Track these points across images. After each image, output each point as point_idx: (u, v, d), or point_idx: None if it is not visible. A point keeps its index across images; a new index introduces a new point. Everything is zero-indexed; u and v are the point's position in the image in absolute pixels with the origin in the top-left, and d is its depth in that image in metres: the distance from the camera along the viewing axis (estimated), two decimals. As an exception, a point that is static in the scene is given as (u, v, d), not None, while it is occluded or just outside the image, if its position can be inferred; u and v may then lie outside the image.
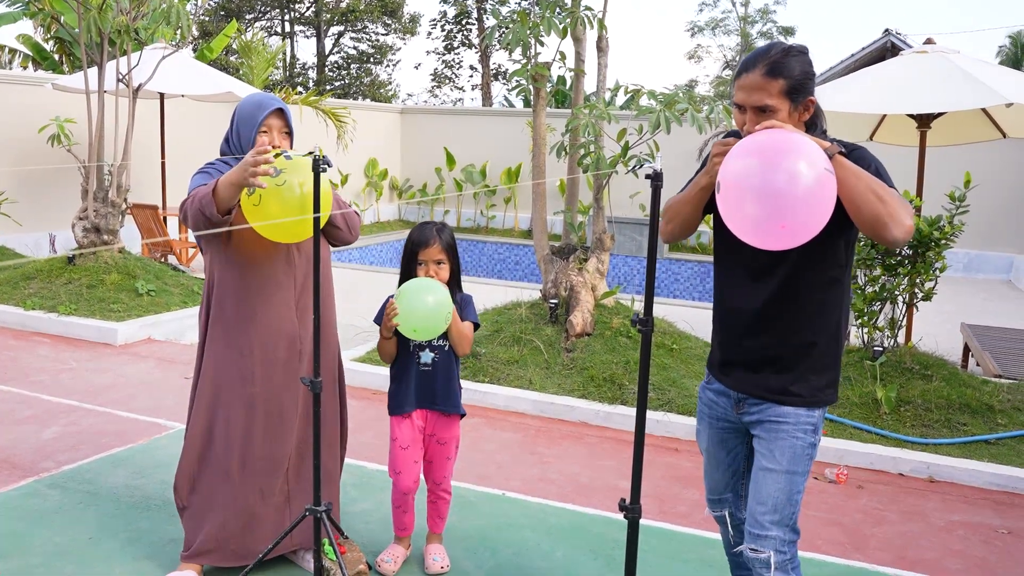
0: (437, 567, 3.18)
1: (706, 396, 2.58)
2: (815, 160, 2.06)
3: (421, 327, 2.91)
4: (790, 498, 2.32)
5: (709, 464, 2.65)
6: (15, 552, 3.21)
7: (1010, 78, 6.11)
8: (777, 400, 2.36)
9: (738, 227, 2.16)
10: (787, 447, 2.33)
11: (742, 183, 2.10)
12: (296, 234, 2.83)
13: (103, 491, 3.80)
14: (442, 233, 3.07)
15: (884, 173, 2.24)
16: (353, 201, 15.35)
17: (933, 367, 5.30)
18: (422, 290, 2.93)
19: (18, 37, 14.08)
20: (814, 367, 2.34)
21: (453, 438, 3.18)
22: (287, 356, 2.99)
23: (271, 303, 2.96)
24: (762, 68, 2.23)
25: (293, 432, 3.03)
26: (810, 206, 2.06)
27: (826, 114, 2.45)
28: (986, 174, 12.23)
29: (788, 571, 2.31)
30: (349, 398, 5.43)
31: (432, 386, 3.10)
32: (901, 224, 2.09)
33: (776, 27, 34.10)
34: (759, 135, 2.14)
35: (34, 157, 10.12)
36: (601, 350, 5.66)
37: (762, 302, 2.34)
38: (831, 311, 2.34)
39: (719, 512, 2.69)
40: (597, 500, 4.02)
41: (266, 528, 3.03)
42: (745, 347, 2.40)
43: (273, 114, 2.98)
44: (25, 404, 5.06)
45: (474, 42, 30.16)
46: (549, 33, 5.63)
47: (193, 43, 22.89)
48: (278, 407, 2.99)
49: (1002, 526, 3.97)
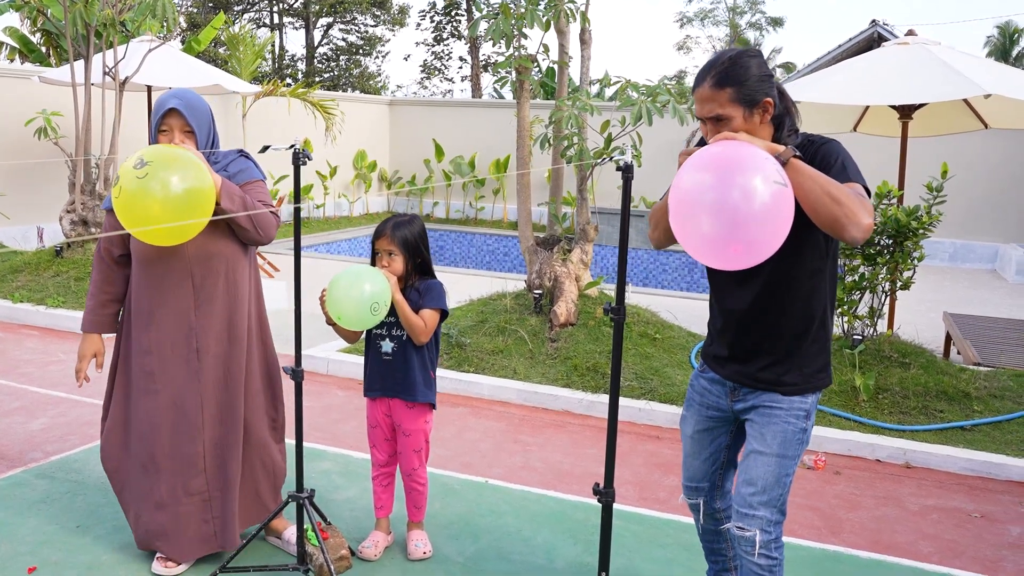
0: (419, 552, 3.24)
1: (699, 384, 2.62)
2: (766, 175, 2.03)
3: (345, 315, 2.88)
4: (779, 480, 2.37)
5: (691, 452, 2.68)
6: (3, 540, 3.26)
7: (990, 69, 6.18)
8: (771, 390, 2.41)
9: (688, 244, 2.14)
10: (779, 431, 2.38)
11: (693, 199, 2.09)
12: (166, 236, 2.74)
13: (90, 481, 3.85)
14: (397, 228, 3.06)
15: (850, 167, 2.26)
16: (342, 194, 15.36)
17: (911, 355, 5.38)
18: (353, 279, 2.88)
19: (5, 29, 14.02)
20: (806, 354, 2.40)
21: (418, 430, 3.19)
22: (185, 353, 2.97)
23: (167, 301, 2.95)
24: (710, 80, 2.26)
25: (201, 430, 3.00)
26: (761, 224, 2.03)
27: (809, 105, 2.44)
28: (971, 164, 12.36)
29: (771, 550, 2.36)
30: (335, 388, 5.52)
31: (393, 375, 3.13)
32: (858, 224, 2.11)
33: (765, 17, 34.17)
34: (707, 150, 2.15)
35: (21, 150, 10.11)
36: (585, 340, 5.72)
37: (749, 302, 2.40)
38: (817, 300, 2.39)
39: (694, 500, 2.73)
40: (578, 487, 4.08)
41: (193, 526, 3.03)
42: (739, 343, 2.46)
43: (171, 114, 2.92)
44: (13, 396, 5.09)
45: (463, 33, 30.12)
46: (532, 26, 5.67)
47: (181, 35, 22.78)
48: (181, 404, 2.98)
49: (975, 510, 4.05)
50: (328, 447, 4.43)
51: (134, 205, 2.71)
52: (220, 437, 3.05)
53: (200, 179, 2.77)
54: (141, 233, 2.76)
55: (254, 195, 3.05)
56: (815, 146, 2.31)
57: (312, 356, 5.84)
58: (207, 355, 3.00)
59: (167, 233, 2.75)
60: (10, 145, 10.06)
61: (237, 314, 3.07)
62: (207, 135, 3.02)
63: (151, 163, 2.70)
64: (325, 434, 4.66)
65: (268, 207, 3.03)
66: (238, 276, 3.08)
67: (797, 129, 2.37)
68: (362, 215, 15.58)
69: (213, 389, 3.02)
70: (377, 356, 3.16)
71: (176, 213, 2.70)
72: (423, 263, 3.15)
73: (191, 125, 2.94)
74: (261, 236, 3.02)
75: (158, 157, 2.74)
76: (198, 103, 3.00)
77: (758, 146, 2.15)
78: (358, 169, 15.64)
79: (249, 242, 3.07)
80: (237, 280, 3.07)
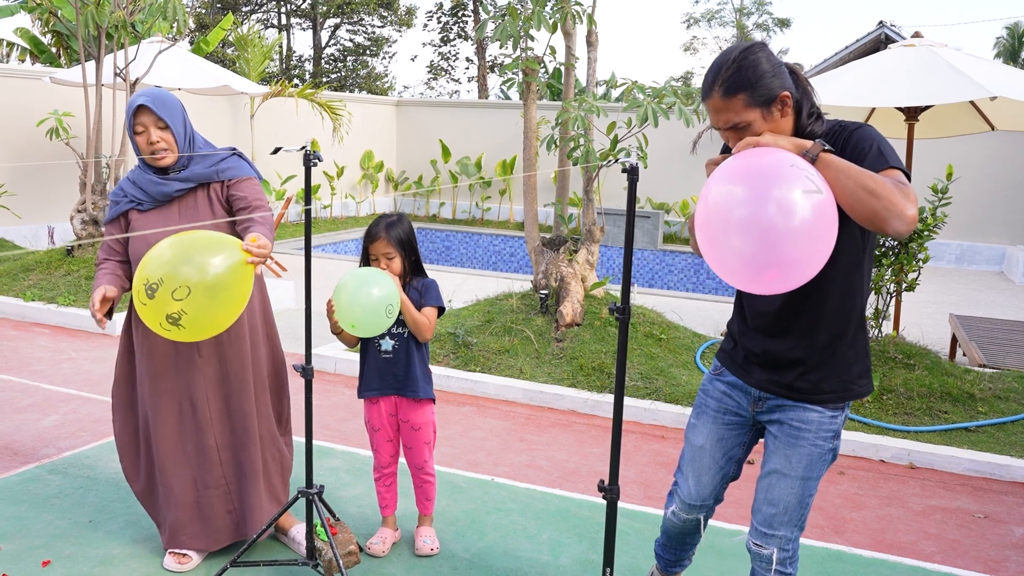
0: (427, 548, 3.28)
1: (716, 389, 2.46)
2: (799, 184, 1.88)
3: (360, 323, 2.83)
4: (802, 501, 2.27)
5: (700, 465, 2.49)
6: (18, 534, 3.31)
7: (996, 71, 6.20)
8: (807, 400, 2.24)
9: (718, 268, 2.00)
10: (805, 455, 2.25)
11: (721, 216, 1.94)
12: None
13: (102, 476, 3.90)
14: (391, 228, 3.07)
15: (888, 151, 2.06)
16: (348, 194, 15.43)
17: (916, 356, 5.40)
18: (361, 284, 2.83)
19: (16, 30, 14.12)
20: (844, 359, 2.23)
21: (426, 423, 3.24)
22: (187, 351, 3.02)
23: None
24: (720, 89, 2.10)
25: (210, 423, 3.06)
26: (799, 243, 1.88)
27: (818, 95, 2.31)
28: (978, 166, 12.36)
29: (787, 566, 2.29)
30: (343, 387, 5.56)
31: (394, 372, 3.16)
32: (901, 216, 1.91)
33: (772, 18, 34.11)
34: (733, 161, 2.01)
35: (31, 149, 10.20)
36: (590, 340, 5.76)
37: (781, 303, 2.22)
38: (853, 299, 2.21)
39: (693, 517, 2.56)
40: (583, 486, 4.12)
41: (218, 517, 3.10)
42: (769, 349, 2.29)
43: (142, 112, 2.92)
44: (25, 393, 5.15)
45: (470, 34, 30.17)
46: (539, 28, 5.71)
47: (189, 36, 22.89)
48: (190, 400, 3.03)
49: (978, 510, 4.07)
50: (336, 445, 4.48)
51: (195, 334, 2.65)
52: (231, 431, 3.10)
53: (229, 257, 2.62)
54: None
55: (250, 192, 3.06)
56: (847, 132, 2.12)
57: (320, 355, 5.89)
58: (207, 354, 3.04)
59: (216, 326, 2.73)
60: (20, 144, 10.15)
61: (250, 308, 3.12)
62: (183, 130, 3.01)
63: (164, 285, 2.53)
64: (333, 432, 4.71)
65: (264, 206, 3.06)
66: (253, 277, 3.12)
67: (819, 112, 2.19)
68: (369, 215, 15.64)
69: (215, 387, 3.07)
70: (376, 355, 3.17)
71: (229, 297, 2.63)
72: (416, 261, 3.19)
73: (164, 120, 2.93)
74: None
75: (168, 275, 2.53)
76: (167, 97, 2.99)
77: (784, 147, 2.00)
78: (365, 169, 15.71)
79: None
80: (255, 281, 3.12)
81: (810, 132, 2.16)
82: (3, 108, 9.99)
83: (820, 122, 2.17)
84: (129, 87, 7.72)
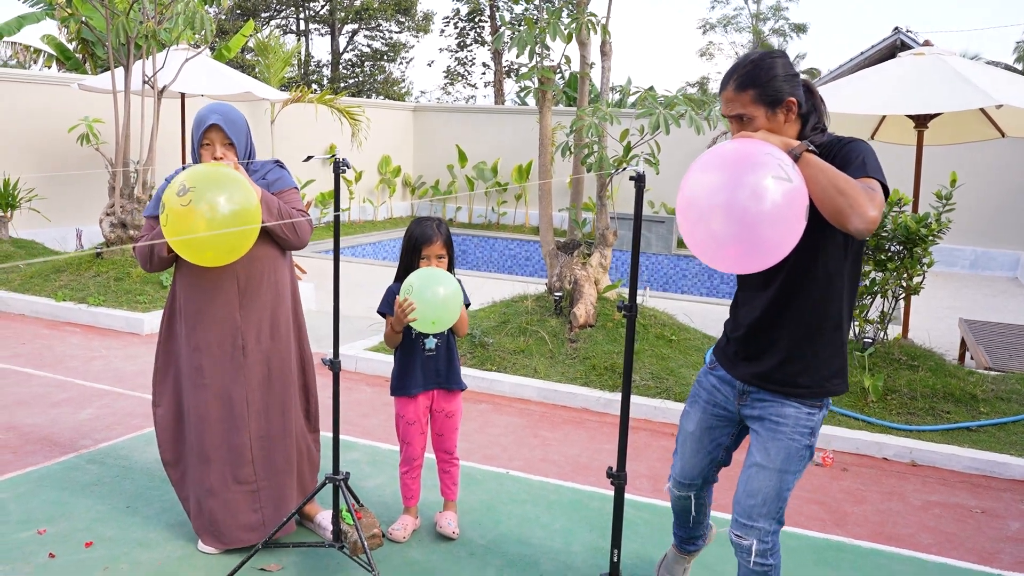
0: (450, 530, 3.47)
1: (708, 382, 2.66)
2: (770, 171, 2.06)
3: (439, 319, 3.08)
4: (779, 494, 2.42)
5: (690, 449, 2.73)
6: (61, 517, 3.53)
7: (1003, 79, 6.32)
8: (783, 393, 2.43)
9: (692, 246, 2.20)
10: (783, 448, 2.42)
11: (693, 200, 2.16)
12: (215, 258, 2.94)
13: (137, 466, 4.12)
14: (441, 228, 3.32)
15: (870, 163, 2.24)
16: (366, 198, 15.66)
17: (920, 358, 5.54)
18: (433, 283, 3.07)
19: (42, 37, 14.46)
20: (820, 355, 2.41)
21: (459, 410, 3.50)
22: (231, 350, 3.19)
23: (214, 302, 3.17)
24: (734, 83, 2.34)
25: (247, 421, 3.22)
26: (770, 224, 2.06)
27: (829, 115, 2.52)
28: (992, 173, 12.43)
29: (767, 558, 2.44)
30: (364, 385, 5.76)
31: (437, 367, 3.39)
32: (862, 215, 2.08)
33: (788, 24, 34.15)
34: (713, 149, 2.22)
35: (58, 154, 10.49)
36: (603, 340, 5.93)
37: (768, 302, 2.43)
38: (833, 302, 2.39)
39: (685, 494, 2.82)
40: (595, 479, 4.29)
41: (243, 513, 3.26)
42: (752, 342, 2.49)
43: (212, 129, 3.11)
44: (60, 388, 5.38)
45: (487, 39, 30.41)
46: (555, 38, 5.90)
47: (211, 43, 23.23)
48: (228, 397, 3.20)
49: (976, 506, 4.21)
50: (357, 439, 4.67)
51: (183, 230, 2.85)
52: (266, 430, 3.27)
53: (246, 197, 2.91)
54: (194, 257, 2.95)
55: (290, 202, 3.27)
56: (841, 144, 2.31)
57: (342, 354, 6.05)
58: (251, 352, 3.22)
59: (216, 255, 2.94)
60: (49, 149, 10.45)
61: (278, 313, 3.30)
62: (245, 146, 3.23)
63: (194, 188, 2.81)
64: (355, 427, 4.90)
65: (302, 213, 3.26)
66: (279, 277, 3.31)
67: (824, 127, 2.38)
68: (386, 219, 15.87)
69: (257, 384, 3.24)
70: (419, 354, 3.36)
71: (226, 234, 2.85)
72: (452, 260, 3.41)
73: (231, 138, 3.14)
74: (298, 241, 3.25)
75: (201, 180, 2.83)
76: (236, 116, 3.21)
77: (773, 143, 2.18)
78: (383, 174, 15.94)
79: (287, 247, 3.29)
80: (278, 281, 3.30)
81: (809, 142, 2.32)
82: (33, 113, 10.29)
83: (820, 136, 2.37)
84: (157, 95, 7.97)
